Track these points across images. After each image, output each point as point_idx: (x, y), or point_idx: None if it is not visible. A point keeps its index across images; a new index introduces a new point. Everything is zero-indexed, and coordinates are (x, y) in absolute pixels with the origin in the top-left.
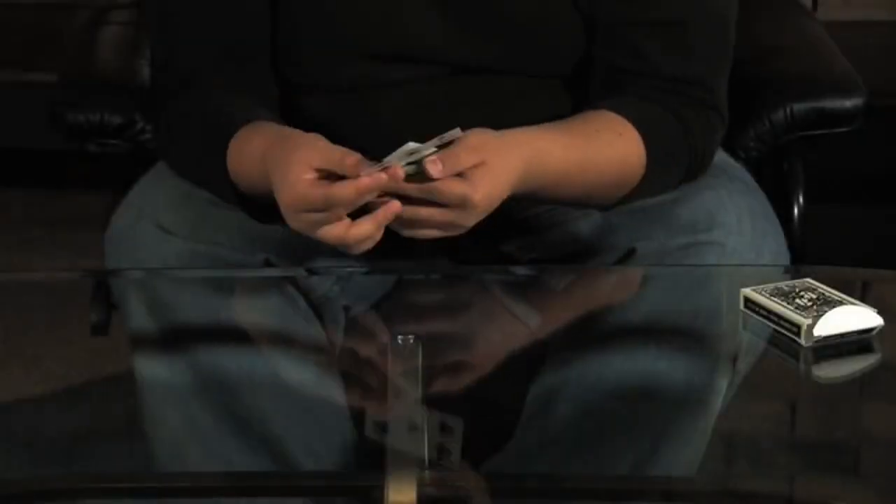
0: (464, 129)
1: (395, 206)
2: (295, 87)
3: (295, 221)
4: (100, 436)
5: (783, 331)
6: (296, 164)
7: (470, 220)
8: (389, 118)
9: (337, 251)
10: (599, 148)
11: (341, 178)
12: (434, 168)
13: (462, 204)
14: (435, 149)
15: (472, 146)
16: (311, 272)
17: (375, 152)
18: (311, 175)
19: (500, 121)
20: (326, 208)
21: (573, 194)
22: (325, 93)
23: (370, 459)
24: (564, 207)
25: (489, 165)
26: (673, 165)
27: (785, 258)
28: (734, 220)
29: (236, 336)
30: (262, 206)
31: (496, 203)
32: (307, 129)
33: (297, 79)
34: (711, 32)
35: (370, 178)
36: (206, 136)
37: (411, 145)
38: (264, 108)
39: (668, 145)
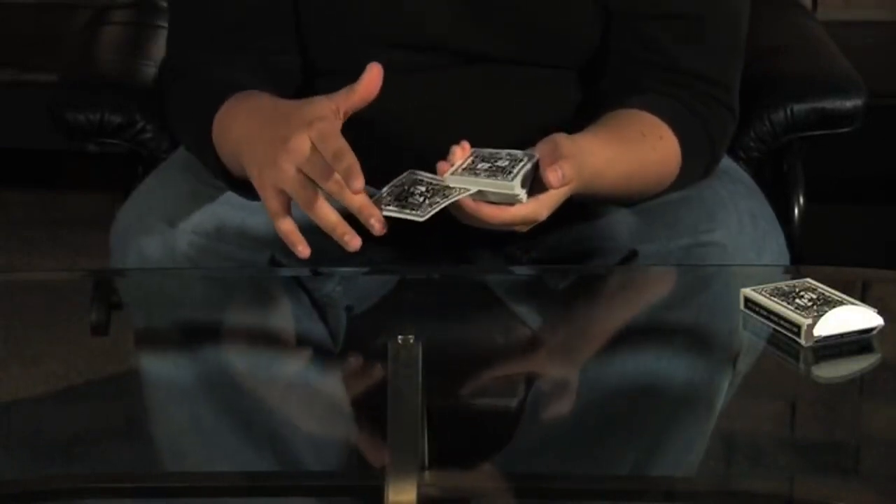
0: (472, 120)
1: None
2: (311, 70)
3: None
4: (100, 436)
5: (783, 331)
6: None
7: (526, 227)
8: (401, 106)
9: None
10: (645, 152)
11: None
12: (553, 176)
13: (529, 221)
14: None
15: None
16: (314, 272)
17: (384, 139)
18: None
19: (512, 111)
20: (331, 153)
21: (616, 196)
22: (340, 78)
23: (370, 459)
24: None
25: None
26: (699, 164)
27: (785, 259)
28: (735, 221)
29: (240, 334)
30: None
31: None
32: None
33: (312, 63)
34: (725, 28)
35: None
36: (200, 101)
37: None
38: (270, 86)
39: (695, 144)
